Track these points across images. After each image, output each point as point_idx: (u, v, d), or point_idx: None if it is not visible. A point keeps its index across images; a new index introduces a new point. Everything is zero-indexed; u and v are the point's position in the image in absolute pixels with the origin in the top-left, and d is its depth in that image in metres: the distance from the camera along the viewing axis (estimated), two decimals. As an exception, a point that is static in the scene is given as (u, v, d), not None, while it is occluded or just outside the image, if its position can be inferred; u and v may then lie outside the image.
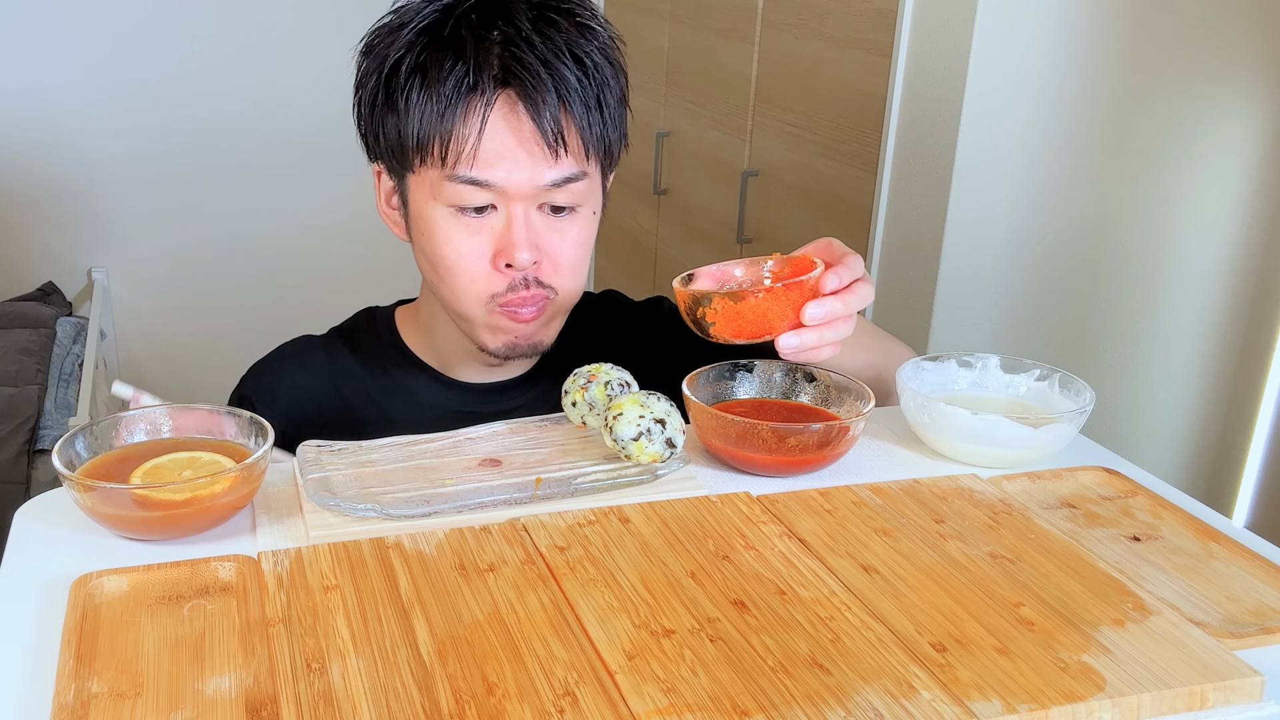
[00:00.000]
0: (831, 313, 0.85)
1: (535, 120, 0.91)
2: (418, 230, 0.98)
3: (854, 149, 1.91)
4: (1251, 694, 0.62)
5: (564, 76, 0.92)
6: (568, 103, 0.92)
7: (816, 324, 0.85)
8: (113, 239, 3.03)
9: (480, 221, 0.95)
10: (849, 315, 0.87)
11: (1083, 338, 1.77)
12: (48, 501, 0.78)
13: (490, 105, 0.91)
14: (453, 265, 0.96)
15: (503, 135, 0.92)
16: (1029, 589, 0.70)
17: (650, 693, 0.59)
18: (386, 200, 1.03)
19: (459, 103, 0.91)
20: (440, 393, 1.07)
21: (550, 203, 0.95)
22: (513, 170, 0.92)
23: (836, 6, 1.92)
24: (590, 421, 0.87)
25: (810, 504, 0.80)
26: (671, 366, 0.97)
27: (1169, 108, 1.66)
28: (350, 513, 0.76)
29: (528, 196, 0.94)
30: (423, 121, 0.92)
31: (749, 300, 0.84)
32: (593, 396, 0.86)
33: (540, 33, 0.92)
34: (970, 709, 0.59)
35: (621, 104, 0.98)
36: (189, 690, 0.59)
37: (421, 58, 0.92)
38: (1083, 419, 0.89)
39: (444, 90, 0.91)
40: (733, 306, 0.85)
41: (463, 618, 0.65)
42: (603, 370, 0.88)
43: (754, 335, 0.86)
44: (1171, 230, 1.70)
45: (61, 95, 2.87)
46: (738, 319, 0.85)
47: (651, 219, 2.76)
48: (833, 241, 0.91)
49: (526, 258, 0.94)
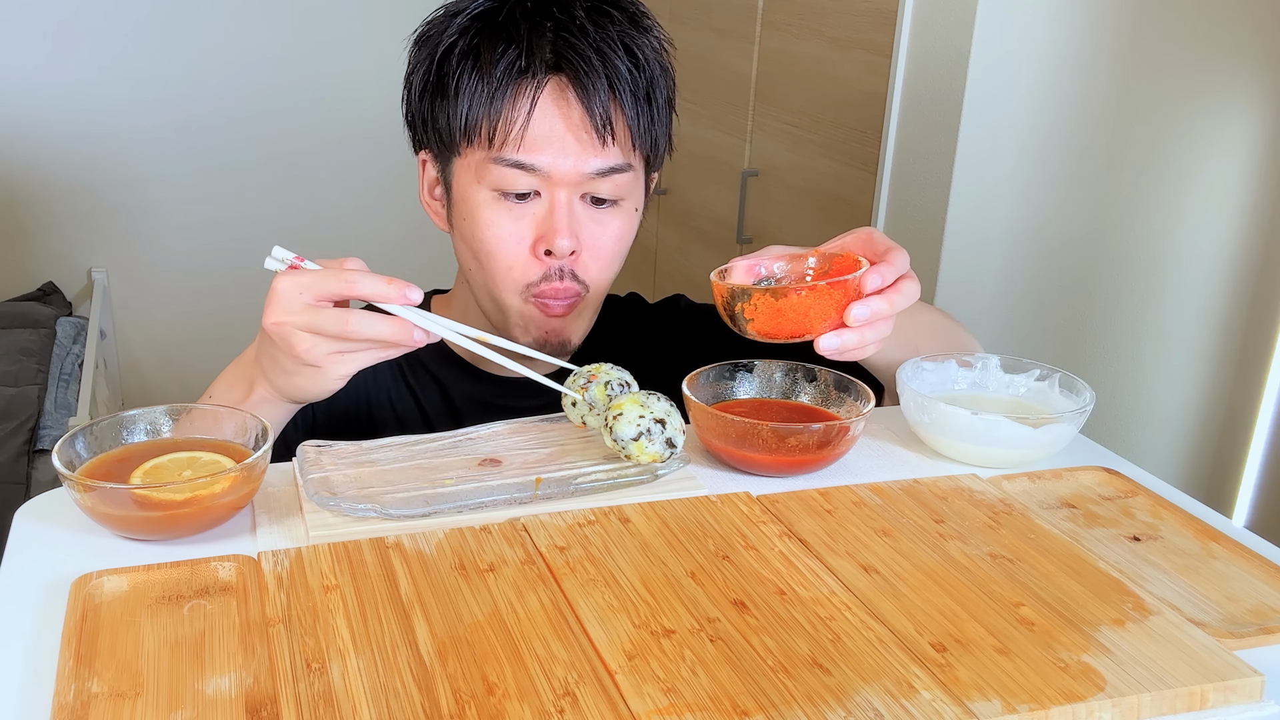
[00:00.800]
0: (876, 313, 0.83)
1: (585, 105, 0.92)
2: (459, 215, 0.99)
3: (854, 149, 1.91)
4: (1251, 694, 0.62)
5: (616, 66, 0.92)
6: (618, 92, 0.93)
7: (860, 325, 0.83)
8: (113, 239, 3.02)
9: (522, 207, 0.95)
10: (892, 315, 0.84)
11: (1083, 337, 1.77)
12: (48, 501, 0.78)
13: (541, 88, 0.92)
14: (492, 250, 0.96)
15: (551, 119, 0.92)
16: (1029, 589, 0.70)
17: (650, 693, 0.59)
18: (430, 191, 1.04)
19: (509, 85, 0.92)
20: (471, 385, 1.07)
21: (593, 193, 0.95)
22: (559, 156, 0.92)
23: (836, 6, 1.92)
24: (590, 422, 0.87)
25: (810, 504, 0.80)
26: (692, 364, 0.97)
27: (1169, 107, 1.66)
28: (350, 513, 0.76)
29: (572, 184, 0.94)
30: (472, 104, 0.93)
31: (791, 298, 0.81)
32: (592, 397, 0.86)
33: (594, 22, 0.93)
34: (970, 709, 0.59)
35: (669, 105, 0.99)
36: (189, 690, 0.59)
37: (474, 42, 0.93)
38: (1083, 419, 0.89)
39: (495, 73, 0.92)
40: (773, 304, 0.82)
41: (463, 618, 0.65)
42: (603, 370, 0.87)
43: (793, 334, 0.83)
44: (1171, 230, 1.70)
45: (62, 96, 2.87)
46: (778, 316, 0.82)
47: (651, 219, 2.76)
48: (874, 233, 0.89)
49: (566, 245, 0.94)
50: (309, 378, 0.82)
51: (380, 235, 3.19)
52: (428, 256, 2.46)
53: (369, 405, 1.05)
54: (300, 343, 0.79)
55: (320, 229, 3.17)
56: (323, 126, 3.13)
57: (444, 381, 1.07)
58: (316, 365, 0.80)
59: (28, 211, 2.94)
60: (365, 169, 3.16)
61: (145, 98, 2.94)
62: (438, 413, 1.05)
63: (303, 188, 3.15)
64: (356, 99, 3.10)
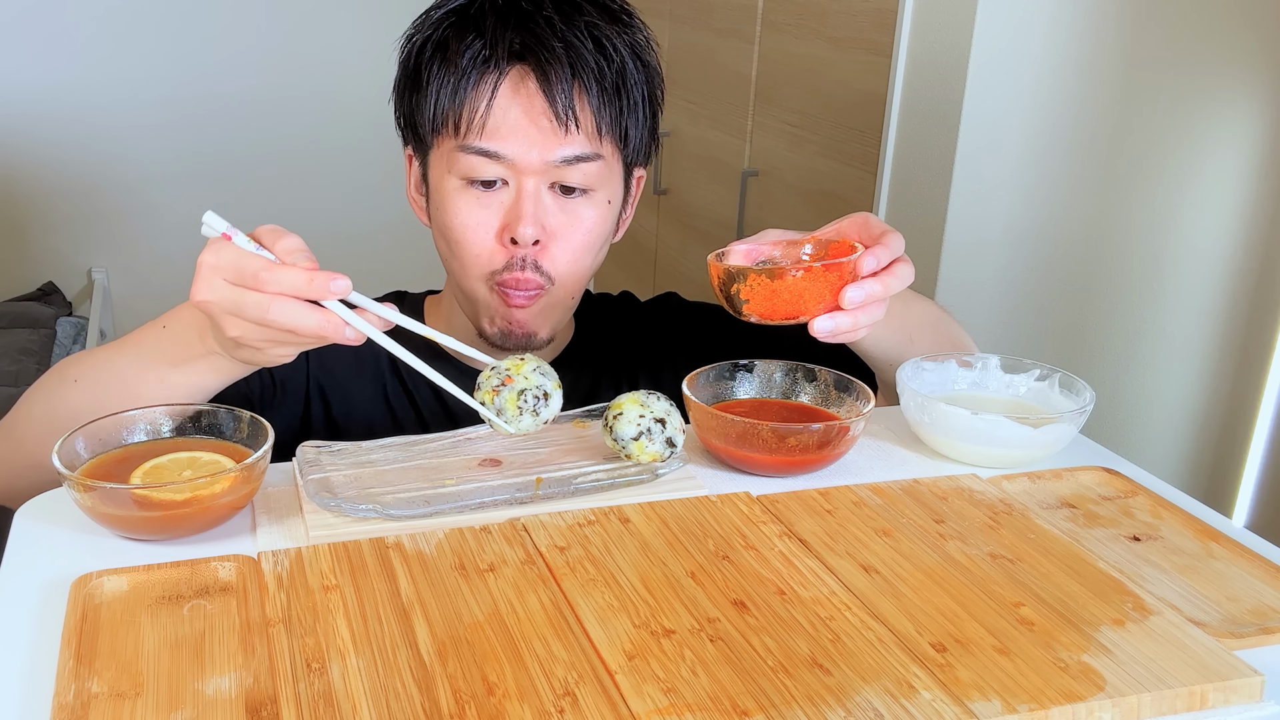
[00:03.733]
0: (871, 295, 0.83)
1: (547, 93, 0.92)
2: (434, 206, 1.00)
3: (854, 149, 1.91)
4: (1251, 694, 0.62)
5: (581, 55, 0.93)
6: (583, 81, 0.93)
7: (854, 308, 0.83)
8: (113, 239, 3.03)
9: (490, 195, 0.96)
10: (886, 298, 0.85)
11: (1083, 337, 1.77)
12: (48, 501, 0.78)
13: (503, 76, 0.93)
14: (460, 238, 0.97)
15: (514, 106, 0.93)
16: (1029, 589, 0.70)
17: (650, 693, 0.59)
18: (416, 187, 1.05)
19: (474, 74, 0.93)
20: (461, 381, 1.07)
21: (562, 182, 0.95)
22: (522, 143, 0.93)
23: (836, 6, 1.92)
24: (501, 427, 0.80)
25: (810, 504, 0.80)
26: (685, 361, 0.97)
27: (1169, 107, 1.66)
28: (350, 513, 0.76)
29: (537, 172, 0.94)
30: (440, 94, 0.94)
31: (786, 280, 0.82)
32: (502, 403, 0.79)
33: (561, 13, 0.94)
34: (970, 709, 0.59)
35: (648, 101, 0.99)
36: (189, 690, 0.59)
37: (444, 35, 0.95)
38: (1083, 419, 0.89)
39: (461, 63, 0.93)
40: (769, 285, 0.82)
41: (463, 618, 0.65)
42: (522, 373, 0.80)
43: (788, 316, 0.84)
44: (1171, 230, 1.70)
45: (62, 96, 2.88)
46: (773, 298, 0.83)
47: (651, 219, 2.76)
48: (869, 218, 0.89)
49: (530, 233, 0.94)
50: (248, 355, 0.79)
51: (381, 234, 3.19)
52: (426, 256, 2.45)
53: (365, 406, 1.05)
54: (229, 327, 0.76)
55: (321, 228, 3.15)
56: (323, 127, 3.13)
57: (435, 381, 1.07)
58: (252, 347, 0.77)
59: (28, 211, 2.94)
60: (366, 169, 3.16)
61: (146, 98, 2.94)
62: (433, 413, 1.05)
63: (303, 188, 3.15)
64: (357, 99, 3.09)
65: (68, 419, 0.83)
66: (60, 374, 0.89)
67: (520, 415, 0.79)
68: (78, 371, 0.88)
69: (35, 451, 0.85)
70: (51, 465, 0.73)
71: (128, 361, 0.86)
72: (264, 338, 0.77)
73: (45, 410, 0.88)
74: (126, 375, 0.85)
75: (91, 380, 0.87)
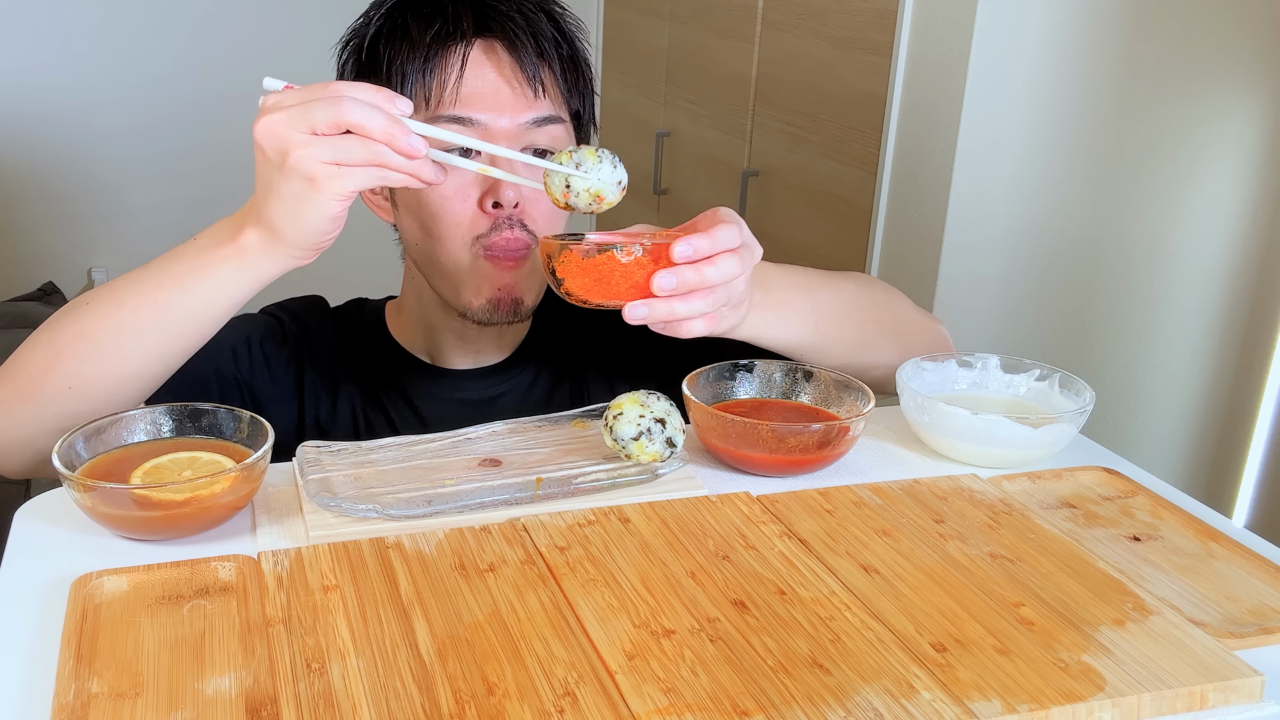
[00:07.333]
0: (685, 283, 0.79)
1: (515, 58, 0.96)
2: (403, 191, 1.00)
3: (854, 149, 1.91)
4: (1251, 694, 0.62)
5: (540, 27, 0.98)
6: (544, 48, 0.98)
7: (667, 294, 0.79)
8: (113, 239, 3.02)
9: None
10: (707, 287, 0.80)
11: (1083, 337, 1.77)
12: (48, 501, 0.78)
13: (470, 46, 0.96)
14: (438, 211, 0.97)
15: (484, 74, 0.96)
16: (1029, 589, 0.70)
17: (650, 693, 0.59)
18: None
19: (438, 50, 0.96)
20: (425, 382, 1.07)
21: (533, 145, 0.98)
22: (494, 109, 0.96)
23: (836, 6, 1.92)
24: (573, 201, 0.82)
25: (810, 504, 0.80)
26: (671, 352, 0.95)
27: (1169, 107, 1.66)
28: (350, 513, 0.76)
29: (511, 136, 0.96)
30: (406, 73, 0.96)
31: (597, 259, 0.78)
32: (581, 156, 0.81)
33: None
34: (970, 709, 0.59)
35: (589, 81, 1.04)
36: (189, 690, 0.59)
37: (401, 20, 0.98)
38: (1083, 419, 0.89)
39: (425, 40, 0.96)
40: (581, 262, 0.79)
41: (463, 618, 0.65)
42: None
43: (604, 297, 0.80)
44: (1171, 230, 1.70)
45: (62, 95, 2.87)
46: (584, 276, 0.79)
47: (651, 219, 2.76)
48: (720, 212, 0.86)
49: (512, 195, 0.95)
50: (304, 200, 0.77)
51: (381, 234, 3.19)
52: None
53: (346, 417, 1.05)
54: (294, 145, 0.75)
55: (320, 229, 3.17)
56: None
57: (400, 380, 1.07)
58: (311, 177, 0.75)
59: (27, 211, 2.94)
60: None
61: (146, 98, 2.94)
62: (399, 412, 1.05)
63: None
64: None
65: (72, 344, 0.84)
66: (71, 304, 0.88)
67: (600, 163, 0.80)
68: (90, 296, 0.87)
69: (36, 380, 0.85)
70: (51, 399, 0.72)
71: (149, 274, 0.84)
72: (327, 156, 0.75)
73: (49, 337, 0.87)
74: (146, 287, 0.83)
75: (105, 298, 0.85)
